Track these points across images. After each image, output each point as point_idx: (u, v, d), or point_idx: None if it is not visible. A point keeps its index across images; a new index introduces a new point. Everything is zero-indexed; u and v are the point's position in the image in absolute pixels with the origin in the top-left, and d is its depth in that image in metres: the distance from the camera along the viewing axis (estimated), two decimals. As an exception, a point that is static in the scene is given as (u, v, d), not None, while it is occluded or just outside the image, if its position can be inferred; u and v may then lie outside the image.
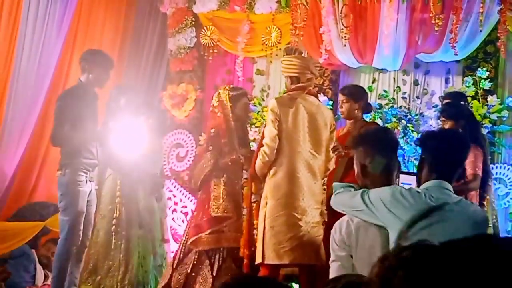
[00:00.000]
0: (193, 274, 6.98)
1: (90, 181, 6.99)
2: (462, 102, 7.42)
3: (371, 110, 7.61)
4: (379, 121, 8.82)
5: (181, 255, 7.16)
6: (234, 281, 3.62)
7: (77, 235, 6.89)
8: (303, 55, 6.78)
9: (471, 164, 6.60)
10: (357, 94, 7.08)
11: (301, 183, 6.05)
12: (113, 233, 7.57)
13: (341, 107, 7.06)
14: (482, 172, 6.75)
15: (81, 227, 6.92)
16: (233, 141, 6.91)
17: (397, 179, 4.45)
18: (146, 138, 7.70)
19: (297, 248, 6.00)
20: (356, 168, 4.19)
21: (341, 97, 7.13)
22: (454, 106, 7.16)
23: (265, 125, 6.32)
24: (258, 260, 6.16)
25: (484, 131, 7.98)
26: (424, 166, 3.99)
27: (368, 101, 7.37)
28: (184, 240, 7.23)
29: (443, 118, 6.96)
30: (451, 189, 3.94)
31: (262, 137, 6.28)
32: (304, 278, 6.25)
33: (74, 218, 6.80)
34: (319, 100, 6.63)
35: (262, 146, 6.17)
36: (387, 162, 4.16)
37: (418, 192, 3.87)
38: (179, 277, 7.07)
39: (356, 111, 6.97)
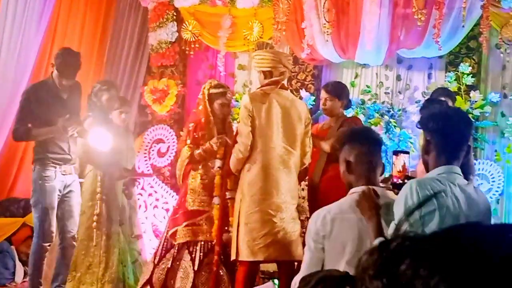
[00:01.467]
0: (174, 268, 7.00)
1: (63, 175, 6.95)
2: (442, 98, 7.39)
3: (351, 106, 7.62)
4: (361, 117, 8.82)
5: (163, 251, 7.19)
6: None
7: (48, 231, 6.89)
8: (276, 46, 6.77)
9: None
10: (341, 92, 7.12)
11: (276, 179, 6.05)
12: (94, 230, 7.55)
13: (325, 104, 7.07)
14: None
15: (52, 223, 6.89)
16: (211, 134, 6.94)
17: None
18: (121, 135, 7.73)
19: (271, 244, 6.00)
20: (341, 167, 4.16)
21: (324, 95, 7.14)
22: (433, 102, 7.14)
23: (239, 121, 6.31)
24: (233, 256, 6.17)
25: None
26: (430, 149, 3.98)
27: (349, 98, 7.40)
28: (165, 236, 7.25)
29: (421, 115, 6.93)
30: (460, 173, 3.97)
31: (236, 133, 6.28)
32: (283, 274, 6.26)
33: (42, 214, 6.80)
34: (293, 94, 6.62)
35: (236, 142, 6.16)
36: (371, 159, 4.15)
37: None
38: (161, 272, 7.08)
39: (339, 109, 7.00)
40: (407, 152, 5.06)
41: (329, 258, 4.10)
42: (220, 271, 6.83)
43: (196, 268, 6.88)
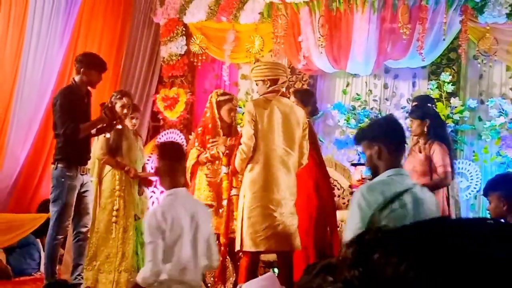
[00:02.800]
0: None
1: (82, 174, 6.94)
2: (428, 104, 7.42)
3: (317, 113, 7.61)
4: (352, 121, 8.85)
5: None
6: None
7: (64, 225, 6.87)
8: (275, 58, 6.79)
9: (441, 162, 6.60)
10: (306, 99, 7.15)
11: (276, 178, 6.08)
12: (114, 224, 7.59)
13: None
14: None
15: (69, 219, 6.88)
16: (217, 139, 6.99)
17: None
18: (132, 138, 7.79)
19: (272, 236, 6.04)
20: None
21: (292, 99, 7.15)
22: (420, 107, 7.17)
23: (243, 125, 6.34)
24: (238, 247, 6.19)
25: (448, 130, 7.99)
26: (382, 154, 3.99)
27: (316, 105, 7.38)
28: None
29: (411, 118, 6.96)
30: (407, 173, 4.08)
31: (240, 136, 6.30)
32: (282, 263, 6.29)
33: (61, 210, 6.77)
34: (292, 102, 6.64)
35: (240, 144, 6.18)
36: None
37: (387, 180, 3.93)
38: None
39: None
40: (363, 164, 5.12)
41: (168, 249, 4.60)
42: (226, 261, 6.85)
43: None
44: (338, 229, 7.24)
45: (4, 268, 8.07)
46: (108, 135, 7.44)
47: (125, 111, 7.64)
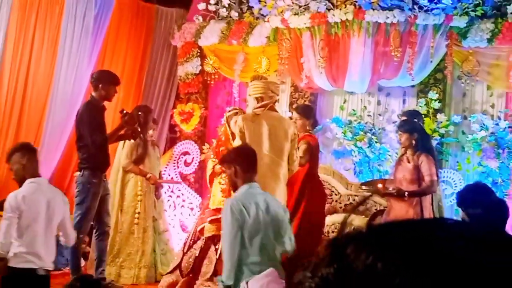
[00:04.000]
0: (201, 257, 7.07)
1: (104, 180, 7.00)
2: (415, 119, 7.46)
3: (317, 125, 7.66)
4: (349, 134, 8.88)
5: (191, 242, 7.27)
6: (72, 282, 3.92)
7: (86, 226, 6.93)
8: (280, 77, 6.87)
9: (428, 171, 6.65)
10: (308, 113, 7.20)
11: (263, 184, 6.07)
12: (136, 225, 7.66)
13: (295, 123, 7.10)
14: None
15: (91, 220, 6.94)
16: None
17: None
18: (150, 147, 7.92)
19: None
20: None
21: (295, 115, 7.24)
22: (408, 122, 7.22)
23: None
24: None
25: (434, 143, 8.04)
26: (238, 173, 4.98)
27: (316, 118, 7.45)
28: (194, 231, 7.35)
29: (400, 132, 7.02)
30: (258, 186, 5.07)
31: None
32: None
33: (85, 213, 6.82)
34: (281, 115, 6.73)
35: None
36: None
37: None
38: (189, 259, 7.18)
39: (307, 127, 7.08)
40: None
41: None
42: None
43: (217, 256, 6.94)
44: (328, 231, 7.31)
45: None
46: (132, 141, 7.51)
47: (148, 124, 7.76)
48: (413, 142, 6.79)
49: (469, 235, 0.95)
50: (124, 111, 7.09)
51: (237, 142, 6.21)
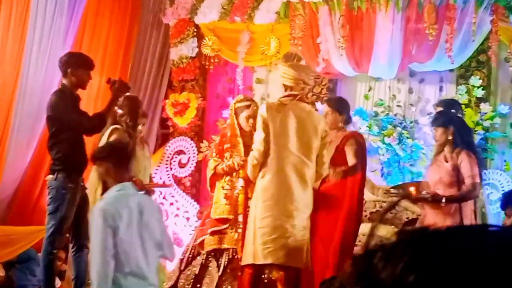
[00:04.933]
0: (201, 275, 7.05)
1: (81, 185, 6.96)
2: (452, 110, 7.38)
3: (351, 121, 7.55)
4: (375, 128, 8.82)
5: (189, 258, 7.24)
6: None
7: (61, 239, 6.87)
8: (302, 61, 6.77)
9: (469, 172, 6.55)
10: (342, 107, 7.10)
11: (289, 186, 6.05)
12: None
13: (325, 118, 7.03)
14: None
15: (67, 232, 6.89)
16: (236, 147, 6.96)
17: None
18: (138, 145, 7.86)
19: (281, 249, 6.02)
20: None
21: (326, 108, 7.12)
22: (443, 114, 7.13)
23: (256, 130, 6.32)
24: (244, 261, 6.19)
25: (477, 138, 7.96)
26: (111, 173, 5.24)
27: (350, 114, 7.36)
28: (192, 245, 7.32)
29: (434, 127, 6.92)
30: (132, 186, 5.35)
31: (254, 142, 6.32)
32: (288, 282, 6.22)
33: (60, 223, 6.76)
34: (315, 108, 6.63)
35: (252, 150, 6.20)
36: None
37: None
38: (188, 278, 7.15)
39: (340, 123, 6.97)
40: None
41: None
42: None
43: (220, 273, 6.91)
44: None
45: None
46: (119, 110, 7.50)
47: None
48: (450, 137, 6.71)
49: None
50: (112, 79, 7.07)
51: (259, 135, 6.14)
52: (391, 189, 7.77)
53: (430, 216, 6.66)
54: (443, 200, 6.50)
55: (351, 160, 6.76)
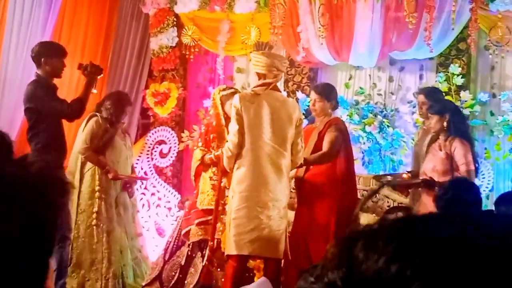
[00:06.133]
0: (187, 266, 7.06)
1: (63, 174, 6.93)
2: (435, 98, 7.41)
3: (338, 107, 7.57)
4: (356, 117, 8.83)
5: (174, 248, 7.25)
6: None
7: None
8: (273, 50, 6.75)
9: (463, 159, 6.57)
10: (329, 93, 7.11)
11: (264, 177, 6.06)
12: (94, 227, 7.57)
13: (314, 105, 7.06)
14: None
15: None
16: (221, 136, 6.93)
17: None
18: (120, 135, 7.88)
19: (256, 240, 6.03)
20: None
21: (314, 95, 7.13)
22: (439, 101, 7.15)
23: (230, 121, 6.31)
24: (226, 251, 6.22)
25: (469, 125, 7.97)
26: None
27: (337, 100, 7.37)
28: (177, 234, 7.31)
29: (430, 114, 6.91)
30: None
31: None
32: (267, 271, 6.24)
33: None
34: (285, 96, 6.63)
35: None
36: None
37: None
38: (173, 269, 7.16)
39: (329, 110, 7.00)
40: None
41: None
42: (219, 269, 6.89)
43: (203, 263, 6.94)
44: None
45: None
46: (94, 124, 7.50)
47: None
48: (445, 125, 6.72)
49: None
50: (83, 64, 7.03)
51: (233, 127, 6.13)
52: (375, 179, 7.80)
53: (427, 203, 6.62)
54: (437, 186, 6.47)
55: (325, 146, 6.82)
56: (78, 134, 7.89)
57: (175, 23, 10.01)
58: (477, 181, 8.10)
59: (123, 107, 7.86)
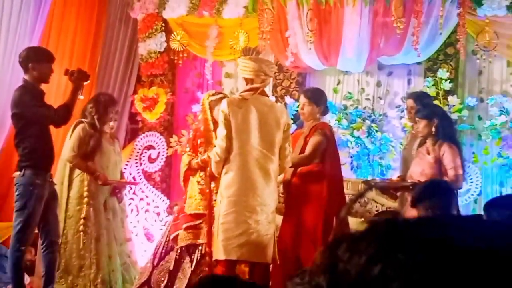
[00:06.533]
0: (175, 270, 7.04)
1: (50, 180, 6.92)
2: (429, 102, 7.46)
3: (328, 112, 7.58)
4: (344, 122, 8.84)
5: (162, 253, 7.24)
6: (202, 281, 3.74)
7: (29, 236, 6.85)
8: (261, 55, 6.77)
9: (451, 164, 6.60)
10: (319, 98, 7.12)
11: (252, 182, 6.06)
12: (81, 233, 7.56)
13: (302, 109, 7.07)
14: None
15: (34, 229, 6.86)
16: (209, 142, 6.92)
17: None
18: (108, 140, 7.87)
19: (244, 245, 6.04)
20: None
21: (303, 100, 7.14)
22: (427, 105, 7.18)
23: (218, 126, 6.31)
24: (214, 256, 6.21)
25: (457, 130, 7.99)
26: None
27: (326, 105, 7.36)
28: (166, 239, 7.30)
29: (418, 118, 6.93)
30: None
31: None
32: (256, 275, 6.24)
33: (27, 220, 6.73)
34: (272, 100, 6.63)
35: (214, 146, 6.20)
36: None
37: None
38: (161, 274, 7.15)
39: (317, 115, 7.00)
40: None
41: None
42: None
43: (192, 268, 6.91)
44: None
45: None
46: (81, 131, 7.49)
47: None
48: (433, 129, 6.75)
49: (485, 235, 0.95)
50: (70, 70, 6.99)
51: (221, 132, 6.13)
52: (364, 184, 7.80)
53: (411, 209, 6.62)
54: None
55: (307, 149, 6.84)
56: (66, 142, 7.88)
57: (163, 28, 10.01)
58: (465, 185, 8.15)
59: (105, 108, 7.82)
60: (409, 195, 6.77)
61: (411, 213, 6.55)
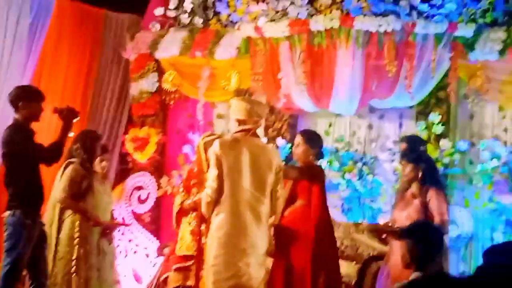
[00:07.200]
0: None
1: (39, 221, 6.84)
2: (421, 147, 7.43)
3: (322, 157, 7.49)
4: (335, 164, 8.80)
5: (152, 295, 7.18)
6: None
7: (17, 277, 6.73)
8: (253, 96, 6.73)
9: (438, 210, 6.55)
10: (314, 141, 7.05)
11: (243, 224, 5.98)
12: (73, 274, 7.46)
13: (296, 147, 6.99)
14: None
15: (22, 269, 6.76)
16: (202, 183, 6.85)
17: None
18: (99, 181, 7.78)
19: (234, 287, 5.91)
20: None
21: (298, 138, 7.05)
22: (414, 150, 7.16)
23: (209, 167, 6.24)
24: None
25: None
26: None
27: (322, 149, 7.28)
28: (156, 282, 7.26)
29: (404, 162, 6.89)
30: None
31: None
32: None
33: (16, 261, 6.62)
34: (264, 143, 6.58)
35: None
36: None
37: None
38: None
39: (310, 157, 6.92)
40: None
41: None
42: None
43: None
44: None
45: None
46: (72, 171, 7.43)
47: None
48: (420, 174, 6.70)
49: None
50: (58, 108, 6.93)
51: (212, 172, 6.07)
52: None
53: (396, 252, 6.56)
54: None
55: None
56: (55, 182, 7.80)
57: (155, 68, 10.01)
58: (455, 230, 8.10)
59: (91, 145, 7.74)
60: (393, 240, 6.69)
61: (395, 254, 6.53)
